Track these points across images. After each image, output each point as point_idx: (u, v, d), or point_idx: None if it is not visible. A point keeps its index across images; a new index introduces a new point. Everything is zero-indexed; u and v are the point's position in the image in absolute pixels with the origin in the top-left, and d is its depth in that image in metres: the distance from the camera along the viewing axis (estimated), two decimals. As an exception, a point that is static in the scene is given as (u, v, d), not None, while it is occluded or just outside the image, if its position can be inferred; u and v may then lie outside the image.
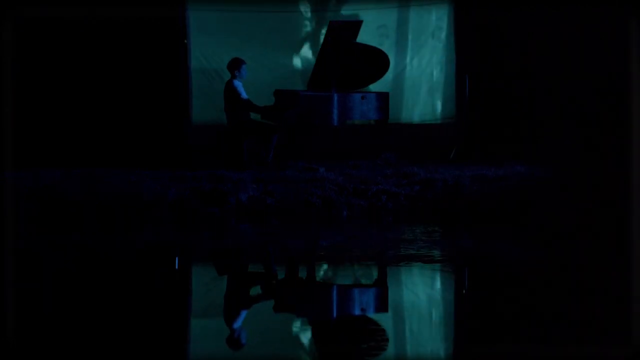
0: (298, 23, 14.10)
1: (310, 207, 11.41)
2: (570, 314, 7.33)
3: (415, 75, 14.16)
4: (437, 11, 14.02)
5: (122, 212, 11.24)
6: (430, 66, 14.13)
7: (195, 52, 13.60)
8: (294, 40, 14.08)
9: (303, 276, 8.94)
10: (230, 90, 12.66)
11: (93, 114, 13.32)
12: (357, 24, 12.98)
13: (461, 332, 7.10)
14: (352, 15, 13.88)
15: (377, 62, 13.03)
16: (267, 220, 11.19)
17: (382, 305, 7.88)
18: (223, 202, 11.41)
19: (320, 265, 9.35)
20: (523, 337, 6.75)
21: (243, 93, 12.62)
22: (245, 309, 7.76)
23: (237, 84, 12.66)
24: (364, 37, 13.26)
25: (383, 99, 12.94)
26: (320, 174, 12.10)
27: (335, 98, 12.63)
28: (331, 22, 13.11)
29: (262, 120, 12.86)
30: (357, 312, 7.70)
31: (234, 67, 12.67)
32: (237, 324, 7.28)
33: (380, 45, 13.37)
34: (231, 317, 7.47)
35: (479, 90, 13.61)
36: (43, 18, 13.11)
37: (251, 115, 12.77)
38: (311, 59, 13.85)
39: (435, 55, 14.10)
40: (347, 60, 12.87)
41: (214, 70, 13.69)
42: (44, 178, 11.82)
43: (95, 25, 13.24)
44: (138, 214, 11.25)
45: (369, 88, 13.42)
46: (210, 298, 8.12)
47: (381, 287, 8.33)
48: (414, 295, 8.16)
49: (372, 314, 7.62)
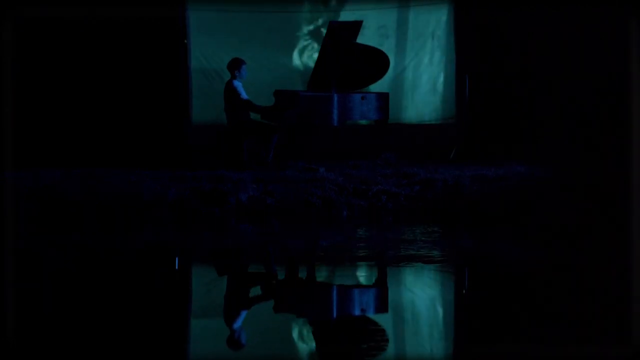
0: (298, 23, 14.10)
1: (310, 207, 11.41)
2: (570, 314, 7.32)
3: (415, 76, 14.16)
4: (437, 11, 14.01)
5: (122, 212, 11.24)
6: (430, 66, 14.13)
7: (195, 52, 13.61)
8: (294, 40, 14.08)
9: (303, 276, 8.93)
10: (230, 90, 12.66)
11: (93, 114, 13.33)
12: (357, 24, 12.97)
13: (461, 332, 7.10)
14: (352, 15, 13.88)
15: (377, 63, 13.02)
16: (267, 221, 11.19)
17: (382, 305, 7.88)
18: (223, 202, 11.41)
19: (320, 266, 9.35)
20: (523, 337, 6.75)
21: (243, 93, 12.62)
22: (245, 309, 7.75)
23: (237, 84, 12.66)
24: (364, 37, 13.26)
25: (383, 99, 12.94)
26: (320, 174, 12.09)
27: (335, 98, 12.63)
28: (331, 22, 13.11)
29: (262, 120, 12.86)
30: (357, 312, 7.69)
31: (234, 67, 12.67)
32: (237, 324, 7.28)
33: (380, 46, 13.37)
34: (231, 317, 7.46)
35: (479, 90, 13.61)
36: (43, 18, 13.11)
37: (251, 115, 12.77)
38: (311, 59, 13.85)
39: (435, 56, 14.10)
40: (347, 60, 12.86)
41: (214, 70, 13.69)
42: (44, 178, 11.82)
43: (95, 25, 13.24)
44: (138, 214, 11.25)
45: (369, 88, 13.41)
46: (210, 298, 8.11)
47: (381, 288, 8.32)
48: (414, 296, 8.16)
49: (372, 314, 7.62)
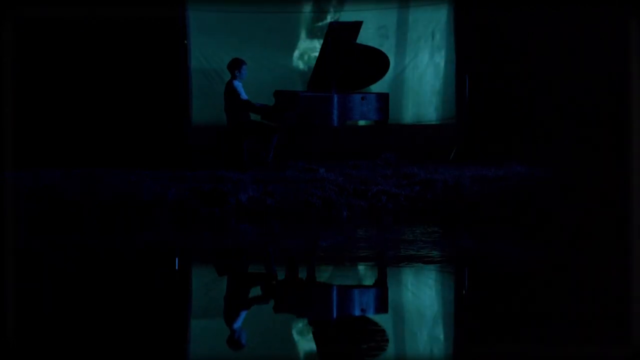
0: (298, 23, 14.10)
1: (310, 207, 11.41)
2: (570, 314, 7.32)
3: (415, 76, 14.15)
4: (437, 11, 14.01)
5: (122, 212, 11.24)
6: (430, 66, 14.12)
7: (195, 52, 13.60)
8: (294, 40, 14.08)
9: (303, 277, 8.93)
10: (230, 90, 12.66)
11: (93, 114, 13.33)
12: (357, 25, 12.96)
13: (461, 332, 7.09)
14: (352, 16, 13.88)
15: (377, 63, 13.02)
16: (267, 221, 11.18)
17: (382, 305, 7.88)
18: (223, 202, 11.41)
19: (320, 266, 9.35)
20: (523, 337, 6.75)
21: (243, 93, 12.62)
22: (245, 309, 7.75)
23: (237, 84, 12.65)
24: (364, 37, 13.25)
25: (383, 99, 12.93)
26: (320, 174, 12.09)
27: (335, 99, 12.62)
28: (331, 22, 13.11)
29: (262, 120, 12.86)
30: (357, 312, 7.69)
31: (235, 67, 12.66)
32: (237, 324, 7.28)
33: (380, 46, 13.37)
34: (231, 317, 7.46)
35: (479, 90, 13.61)
36: (43, 18, 13.11)
37: (251, 116, 12.77)
38: (311, 59, 13.84)
39: (435, 56, 14.09)
40: (347, 61, 12.85)
41: (214, 70, 13.69)
42: (44, 178, 11.82)
43: (95, 25, 13.24)
44: (138, 214, 11.25)
45: (369, 89, 13.41)
46: (210, 298, 8.11)
47: (381, 288, 8.32)
48: (414, 296, 8.16)
49: (372, 315, 7.62)
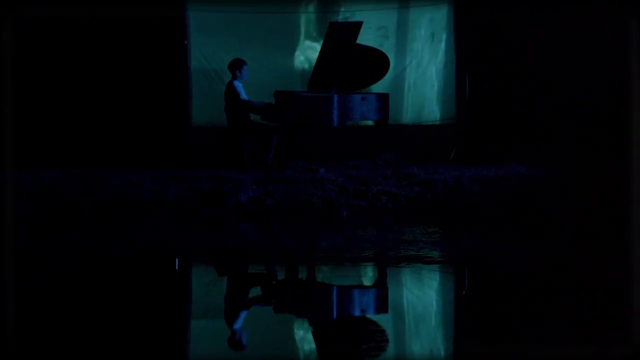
0: (298, 23, 14.09)
1: (311, 207, 11.40)
2: (570, 314, 7.32)
3: (415, 76, 14.15)
4: (437, 12, 14.01)
5: (122, 212, 11.24)
6: (430, 67, 14.12)
7: (195, 52, 13.60)
8: (293, 40, 14.08)
9: (303, 277, 8.93)
10: (230, 90, 12.66)
11: (93, 114, 13.32)
12: (357, 25, 12.96)
13: (461, 332, 7.09)
14: (352, 16, 13.88)
15: (377, 63, 13.01)
16: (267, 221, 11.18)
17: (382, 306, 7.88)
18: (223, 202, 11.41)
19: (320, 266, 9.34)
20: (523, 337, 6.75)
21: (243, 93, 12.62)
22: (245, 309, 7.75)
23: (238, 84, 12.65)
24: (364, 38, 13.25)
25: (383, 99, 12.93)
26: (320, 174, 12.09)
27: (335, 99, 12.62)
28: (331, 23, 13.10)
29: (262, 120, 12.86)
30: (357, 312, 7.69)
31: (235, 67, 12.66)
32: (237, 324, 7.28)
33: (380, 46, 13.37)
34: (231, 317, 7.46)
35: (479, 90, 13.60)
36: (43, 18, 13.11)
37: (251, 116, 12.77)
38: (311, 59, 13.84)
39: (435, 56, 14.09)
40: (347, 61, 12.85)
41: (214, 70, 13.69)
42: (44, 178, 11.82)
43: (95, 25, 13.24)
44: (138, 214, 11.25)
45: (370, 89, 13.40)
46: (210, 299, 8.11)
47: (381, 288, 8.32)
48: (414, 296, 8.16)
49: (372, 315, 7.62)
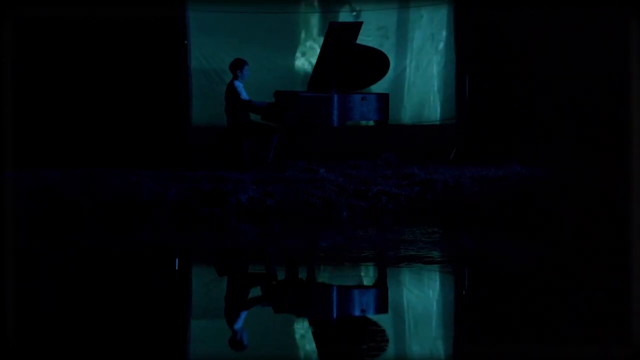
0: (298, 23, 14.10)
1: (311, 207, 11.40)
2: (570, 314, 7.32)
3: (415, 76, 14.16)
4: (437, 12, 14.01)
5: (122, 212, 11.24)
6: (430, 67, 14.12)
7: (195, 52, 13.61)
8: (293, 40, 14.08)
9: (303, 277, 8.93)
10: (231, 90, 12.66)
11: (93, 114, 13.33)
12: (357, 25, 12.97)
13: (461, 332, 7.09)
14: (352, 16, 13.89)
15: (377, 63, 13.01)
16: (267, 221, 11.18)
17: (382, 306, 7.88)
18: (223, 202, 11.41)
19: (320, 266, 9.34)
20: (523, 337, 6.75)
21: (243, 93, 12.62)
22: (245, 309, 7.75)
23: (238, 84, 12.66)
24: (364, 38, 13.25)
25: (383, 99, 12.93)
26: (321, 174, 12.09)
27: (335, 99, 12.62)
28: (331, 23, 13.10)
29: (262, 120, 12.86)
30: (357, 312, 7.69)
31: (236, 67, 12.66)
32: (237, 324, 7.28)
33: (380, 47, 13.37)
34: (231, 317, 7.46)
35: (479, 90, 13.61)
36: (43, 18, 13.11)
37: (251, 116, 12.78)
38: (311, 59, 13.84)
39: (435, 56, 14.10)
40: (347, 61, 12.85)
41: (214, 70, 13.69)
42: (44, 178, 11.82)
43: (95, 25, 13.24)
44: (138, 214, 11.25)
45: (370, 89, 13.40)
46: (210, 299, 8.11)
47: (381, 288, 8.32)
48: (414, 296, 8.16)
49: (372, 315, 7.62)
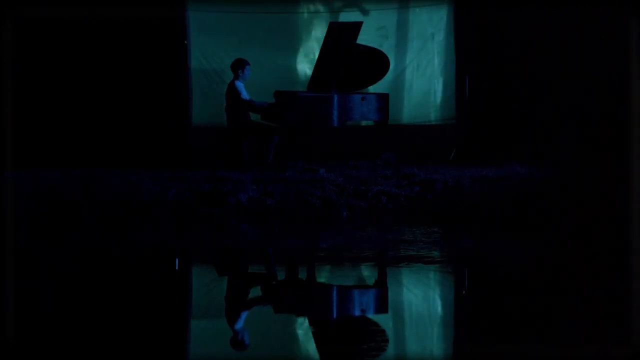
0: (298, 23, 14.09)
1: (311, 208, 11.40)
2: (570, 314, 7.32)
3: (415, 76, 14.15)
4: (437, 12, 14.01)
5: (122, 212, 11.24)
6: (430, 67, 14.12)
7: (195, 52, 13.60)
8: (293, 40, 14.07)
9: (303, 277, 8.93)
10: (231, 90, 12.66)
11: (93, 114, 13.32)
12: (357, 25, 12.96)
13: (461, 332, 7.09)
14: (352, 16, 13.88)
15: (377, 63, 13.01)
16: (267, 221, 11.18)
17: (382, 306, 7.88)
18: (223, 202, 11.41)
19: (320, 266, 9.35)
20: (523, 337, 6.75)
21: (244, 93, 12.62)
22: (245, 309, 7.75)
23: (239, 84, 12.65)
24: (364, 38, 13.24)
25: (383, 99, 12.92)
26: (321, 174, 12.09)
27: (335, 99, 12.62)
28: (331, 23, 13.10)
29: (262, 120, 12.86)
30: (357, 312, 7.69)
31: (238, 67, 12.66)
32: (237, 324, 7.28)
33: (380, 47, 13.36)
34: (231, 317, 7.46)
35: (479, 90, 13.60)
36: (43, 18, 13.11)
37: (251, 116, 12.77)
38: (311, 59, 13.84)
39: (435, 56, 14.09)
40: (347, 61, 12.85)
41: (214, 70, 13.69)
42: (44, 178, 11.81)
43: (95, 25, 13.24)
44: (138, 214, 11.25)
45: (369, 89, 13.40)
46: (210, 299, 8.11)
47: (381, 288, 8.32)
48: (414, 296, 8.16)
49: (372, 315, 7.62)
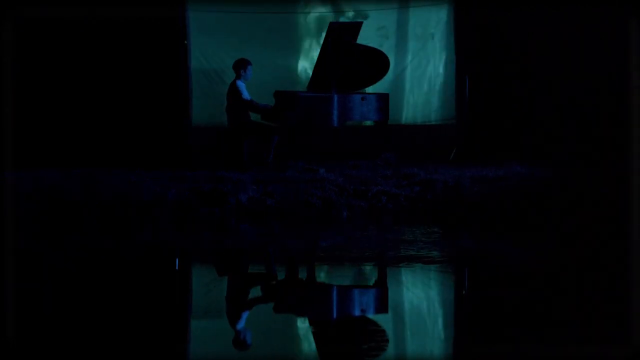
0: (298, 23, 14.10)
1: (311, 208, 11.40)
2: (570, 313, 7.32)
3: (415, 76, 14.16)
4: (437, 12, 14.02)
5: (122, 212, 11.24)
6: (430, 67, 14.13)
7: (195, 52, 13.61)
8: (294, 40, 14.08)
9: (303, 277, 8.93)
10: (233, 90, 12.67)
11: (93, 114, 13.32)
12: (357, 25, 12.97)
13: (461, 332, 7.09)
14: (352, 16, 13.90)
15: (377, 63, 13.01)
16: (267, 221, 11.18)
17: (382, 306, 7.88)
18: (223, 202, 11.41)
19: (320, 266, 9.35)
20: (523, 337, 6.75)
21: (245, 93, 12.63)
22: (245, 309, 7.75)
23: (240, 84, 12.66)
24: (364, 38, 13.25)
25: (383, 99, 12.93)
26: (321, 174, 12.09)
27: (335, 99, 12.62)
28: (331, 23, 13.11)
29: (263, 120, 12.87)
30: (357, 312, 7.69)
31: (240, 67, 12.67)
32: (238, 324, 7.28)
33: (380, 47, 13.37)
34: (231, 317, 7.46)
35: (479, 90, 13.60)
36: (43, 18, 13.11)
37: (252, 116, 12.78)
38: (311, 59, 13.84)
39: (435, 56, 14.10)
40: (347, 61, 12.85)
41: (214, 70, 13.69)
42: (44, 178, 11.82)
43: (95, 25, 13.24)
44: (138, 214, 11.25)
45: (369, 89, 13.40)
46: (210, 299, 8.11)
47: (381, 288, 8.32)
48: (414, 296, 8.16)
49: (372, 315, 7.62)
